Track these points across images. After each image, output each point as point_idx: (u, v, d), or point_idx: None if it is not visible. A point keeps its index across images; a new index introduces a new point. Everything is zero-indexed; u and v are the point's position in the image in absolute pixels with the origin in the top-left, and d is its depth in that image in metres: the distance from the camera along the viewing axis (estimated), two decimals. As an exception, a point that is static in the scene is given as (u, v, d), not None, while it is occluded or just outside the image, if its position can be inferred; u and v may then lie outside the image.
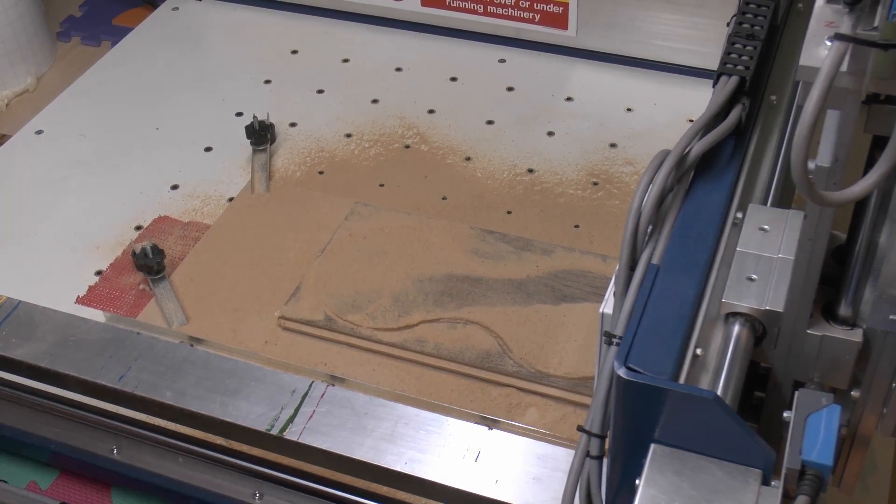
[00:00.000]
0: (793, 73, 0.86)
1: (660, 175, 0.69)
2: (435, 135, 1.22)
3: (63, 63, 1.40)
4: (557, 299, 0.98)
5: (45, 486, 1.00)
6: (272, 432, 0.87)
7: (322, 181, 1.17)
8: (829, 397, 0.62)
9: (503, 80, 1.30)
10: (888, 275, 0.61)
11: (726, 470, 0.59)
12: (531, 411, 0.90)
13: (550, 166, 1.16)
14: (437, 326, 0.96)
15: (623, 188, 1.13)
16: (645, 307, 0.64)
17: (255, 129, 1.19)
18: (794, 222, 0.70)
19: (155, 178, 1.18)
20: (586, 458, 0.68)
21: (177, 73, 1.34)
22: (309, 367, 0.94)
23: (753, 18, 0.81)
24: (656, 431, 0.60)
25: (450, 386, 0.92)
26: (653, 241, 0.69)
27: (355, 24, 1.40)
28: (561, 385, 0.91)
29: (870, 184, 0.54)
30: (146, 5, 1.49)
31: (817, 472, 0.58)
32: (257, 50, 1.37)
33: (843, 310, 0.67)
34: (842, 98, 0.53)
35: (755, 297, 0.67)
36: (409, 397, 0.91)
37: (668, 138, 1.03)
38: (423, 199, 1.13)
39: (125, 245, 1.09)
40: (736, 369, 0.65)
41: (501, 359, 0.93)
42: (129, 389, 0.91)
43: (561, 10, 1.27)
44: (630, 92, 1.26)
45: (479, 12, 1.32)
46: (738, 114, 0.76)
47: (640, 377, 0.59)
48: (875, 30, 0.52)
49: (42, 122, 1.27)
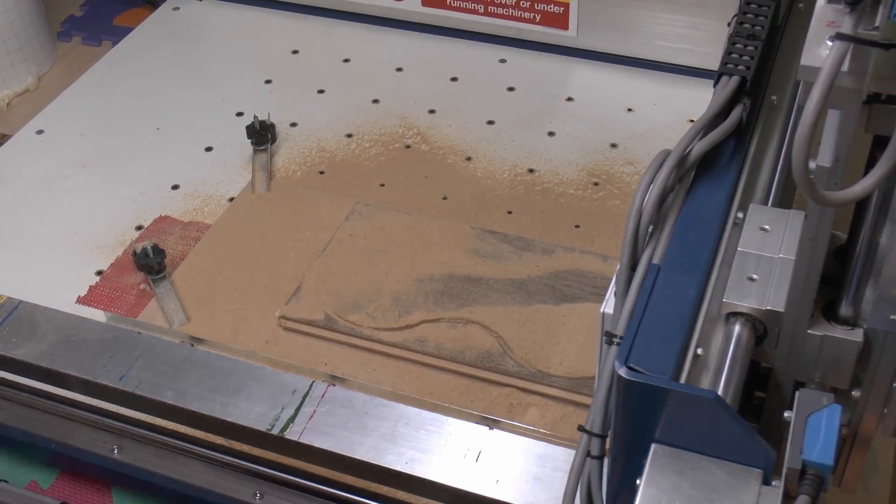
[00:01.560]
0: (794, 73, 0.86)
1: (660, 175, 0.69)
2: (435, 135, 1.22)
3: (64, 63, 1.40)
4: (558, 299, 0.98)
5: (46, 486, 1.00)
6: (273, 432, 0.87)
7: (323, 181, 1.17)
8: (829, 397, 0.61)
9: (504, 80, 1.30)
10: (889, 275, 0.61)
11: (727, 470, 0.59)
12: (532, 411, 0.90)
13: (551, 166, 1.16)
14: (437, 326, 0.96)
15: (624, 188, 1.13)
16: (646, 307, 0.64)
17: (255, 128, 1.19)
18: (794, 222, 0.70)
19: (156, 178, 1.18)
20: (587, 457, 0.68)
21: (177, 72, 1.34)
22: (309, 366, 0.94)
23: (754, 18, 0.81)
24: (657, 431, 0.60)
25: (450, 386, 0.93)
26: (653, 240, 0.69)
27: (356, 24, 1.40)
28: (561, 385, 0.91)
29: (870, 184, 0.54)
30: (147, 5, 1.49)
31: (818, 471, 0.58)
32: (258, 50, 1.37)
33: (843, 310, 0.67)
34: (843, 98, 0.53)
35: (756, 296, 0.67)
36: (410, 397, 0.91)
37: (668, 138, 1.03)
38: (424, 199, 1.13)
39: (126, 245, 1.09)
40: (737, 369, 0.65)
41: (502, 359, 0.93)
42: (130, 389, 0.91)
43: (561, 11, 1.27)
44: (631, 92, 1.26)
45: (479, 12, 1.32)
46: (738, 114, 0.76)
47: (640, 377, 0.59)
48: (876, 29, 0.52)
49: (43, 121, 1.27)
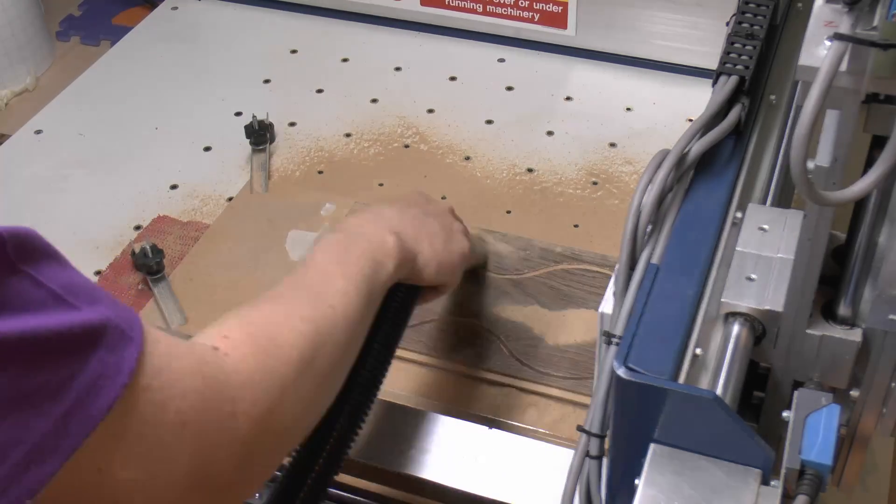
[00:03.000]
0: (792, 73, 0.86)
1: (659, 174, 0.69)
2: (434, 134, 1.22)
3: (62, 63, 1.40)
4: (557, 299, 0.98)
5: (45, 486, 1.00)
6: (272, 432, 0.87)
7: (321, 181, 1.16)
8: (828, 397, 0.62)
9: (503, 79, 1.30)
10: (887, 274, 0.61)
11: (726, 470, 0.59)
12: (531, 411, 0.90)
13: (550, 166, 1.16)
14: (436, 326, 0.96)
15: (623, 188, 1.13)
16: (644, 307, 0.64)
17: (254, 128, 1.19)
18: (793, 222, 0.70)
19: (154, 178, 1.18)
20: (586, 458, 0.68)
21: (176, 72, 1.34)
22: (308, 366, 0.94)
23: (753, 18, 0.81)
24: (656, 431, 0.60)
25: (449, 386, 0.92)
26: (652, 240, 0.69)
27: (355, 23, 1.40)
28: (560, 385, 0.90)
29: (869, 183, 0.54)
30: (145, 5, 1.49)
31: (817, 471, 0.58)
32: (257, 49, 1.37)
33: (842, 309, 0.67)
34: (841, 98, 0.53)
35: (755, 296, 0.67)
36: (409, 397, 0.91)
37: (667, 138, 1.02)
38: (423, 199, 1.13)
39: (124, 245, 1.09)
40: (735, 369, 0.65)
41: (500, 358, 0.93)
42: (129, 389, 0.91)
43: (560, 10, 1.27)
44: (630, 91, 1.26)
45: (478, 12, 1.32)
46: (737, 113, 0.76)
47: (639, 377, 0.59)
48: (874, 29, 0.52)
49: (41, 121, 1.27)
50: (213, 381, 0.56)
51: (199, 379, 0.55)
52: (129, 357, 0.50)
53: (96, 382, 0.47)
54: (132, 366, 0.49)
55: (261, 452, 0.60)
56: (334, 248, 0.74)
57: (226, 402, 0.56)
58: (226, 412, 0.56)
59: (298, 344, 0.63)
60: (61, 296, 0.48)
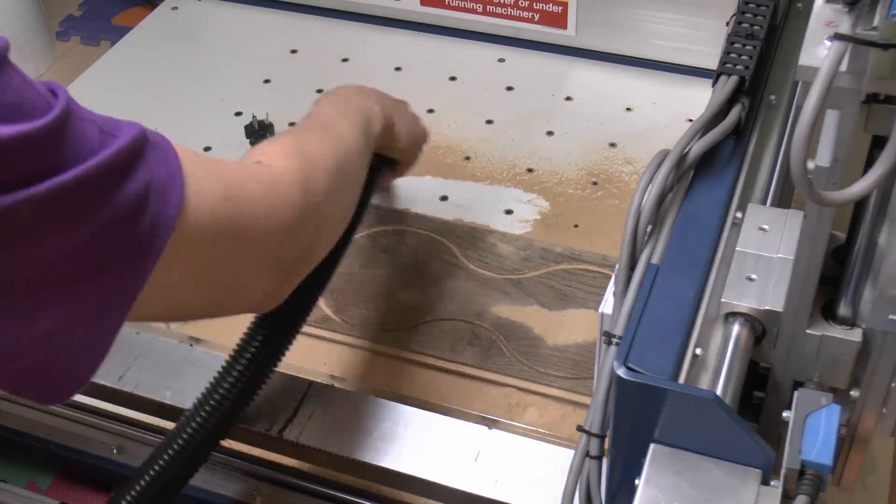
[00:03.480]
0: (792, 73, 0.86)
1: (659, 174, 0.69)
2: (434, 134, 1.22)
3: (62, 62, 1.40)
4: (557, 299, 0.98)
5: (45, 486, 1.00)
6: (272, 433, 0.87)
7: (321, 181, 1.16)
8: (828, 397, 0.62)
9: (502, 79, 1.30)
10: (887, 275, 0.61)
11: (726, 470, 0.59)
12: (531, 411, 0.90)
13: (550, 166, 1.16)
14: (436, 326, 0.96)
15: (623, 188, 1.13)
16: (644, 307, 0.64)
17: (254, 128, 1.19)
18: (793, 222, 0.70)
19: (154, 178, 1.18)
20: (586, 457, 0.68)
21: (176, 72, 1.34)
22: (309, 367, 0.94)
23: (753, 18, 0.82)
24: (656, 431, 0.60)
25: (449, 386, 0.92)
26: (652, 240, 0.69)
27: (355, 23, 1.40)
28: (560, 385, 0.91)
29: (869, 183, 0.54)
30: (145, 5, 1.49)
31: (817, 471, 0.58)
32: (257, 49, 1.37)
33: (842, 310, 0.67)
34: (841, 98, 0.53)
35: (755, 296, 0.67)
36: (409, 397, 0.91)
37: (667, 138, 1.03)
38: (423, 199, 1.13)
39: (124, 245, 1.09)
40: (735, 369, 0.65)
41: (501, 358, 0.93)
42: (129, 389, 0.91)
43: (560, 10, 1.27)
44: (630, 91, 1.26)
45: (478, 12, 1.32)
46: (737, 113, 0.76)
47: (639, 377, 0.59)
48: (874, 29, 0.52)
49: (41, 121, 1.27)
50: (267, 183, 0.66)
51: (251, 183, 0.65)
52: (174, 163, 0.63)
53: (163, 187, 0.59)
54: (180, 172, 0.62)
55: (319, 244, 0.72)
56: (334, 105, 0.84)
57: (282, 198, 0.66)
58: (284, 206, 0.66)
59: (328, 156, 0.73)
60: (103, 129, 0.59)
